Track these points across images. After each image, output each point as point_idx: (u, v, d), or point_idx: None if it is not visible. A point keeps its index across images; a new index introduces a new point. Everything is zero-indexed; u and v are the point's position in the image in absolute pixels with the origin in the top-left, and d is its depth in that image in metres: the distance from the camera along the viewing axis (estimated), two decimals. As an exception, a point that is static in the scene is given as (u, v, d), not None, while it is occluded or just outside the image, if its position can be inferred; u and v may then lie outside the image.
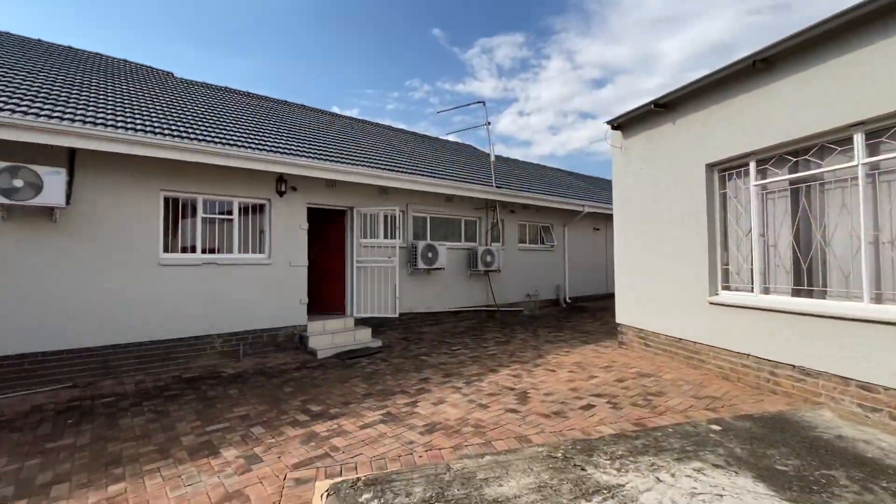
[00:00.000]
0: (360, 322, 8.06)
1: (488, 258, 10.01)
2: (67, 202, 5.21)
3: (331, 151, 8.05)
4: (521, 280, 11.45)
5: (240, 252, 6.84)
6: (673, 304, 6.13)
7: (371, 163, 8.23)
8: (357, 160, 8.05)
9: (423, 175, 8.81)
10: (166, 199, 6.23)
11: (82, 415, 4.41)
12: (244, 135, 7.04)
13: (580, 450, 3.40)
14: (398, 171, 8.40)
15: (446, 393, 4.99)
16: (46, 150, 5.15)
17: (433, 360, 6.55)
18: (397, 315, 7.98)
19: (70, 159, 5.40)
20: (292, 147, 7.33)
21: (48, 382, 5.24)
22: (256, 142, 6.90)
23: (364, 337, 7.59)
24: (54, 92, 5.98)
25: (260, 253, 7.05)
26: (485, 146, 16.08)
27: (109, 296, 5.68)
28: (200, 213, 6.48)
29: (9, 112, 4.76)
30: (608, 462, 3.17)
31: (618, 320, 7.24)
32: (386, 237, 8.41)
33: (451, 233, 10.05)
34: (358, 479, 2.97)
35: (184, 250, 6.39)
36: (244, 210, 6.93)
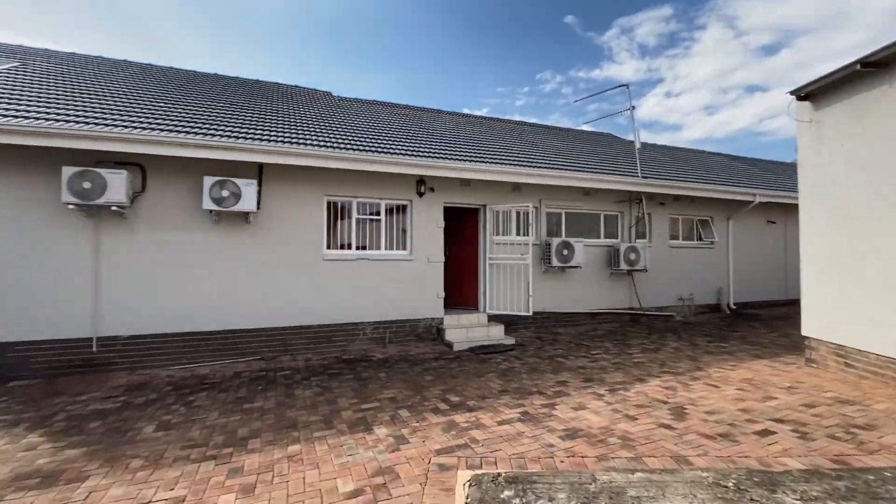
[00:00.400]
0: (493, 318, 8.12)
1: (632, 256, 9.15)
2: (258, 207, 6.34)
3: (465, 152, 8.28)
4: (671, 281, 10.20)
5: (386, 249, 7.50)
6: (892, 313, 4.74)
7: (503, 159, 8.23)
8: (489, 158, 8.13)
9: (556, 168, 8.47)
10: (328, 203, 7.15)
11: (268, 383, 5.32)
12: (389, 142, 7.69)
13: (758, 482, 2.83)
14: (530, 165, 8.23)
15: (587, 399, 4.68)
16: (243, 166, 6.36)
17: (570, 362, 6.24)
18: (530, 314, 7.82)
19: (259, 172, 6.56)
20: (430, 150, 7.75)
21: (244, 355, 6.46)
22: (400, 148, 7.46)
23: (497, 333, 7.62)
24: (238, 118, 7.35)
25: (403, 249, 7.62)
26: (625, 134, 14.76)
27: (287, 284, 6.76)
28: (355, 214, 7.29)
29: (219, 137, 6.00)
30: (798, 502, 2.58)
31: (804, 332, 5.91)
32: (518, 234, 8.31)
33: (588, 229, 9.46)
34: (498, 474, 2.95)
35: (341, 247, 7.26)
36: (389, 210, 7.57)
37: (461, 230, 8.62)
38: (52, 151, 5.50)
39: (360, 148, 6.92)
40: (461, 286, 8.55)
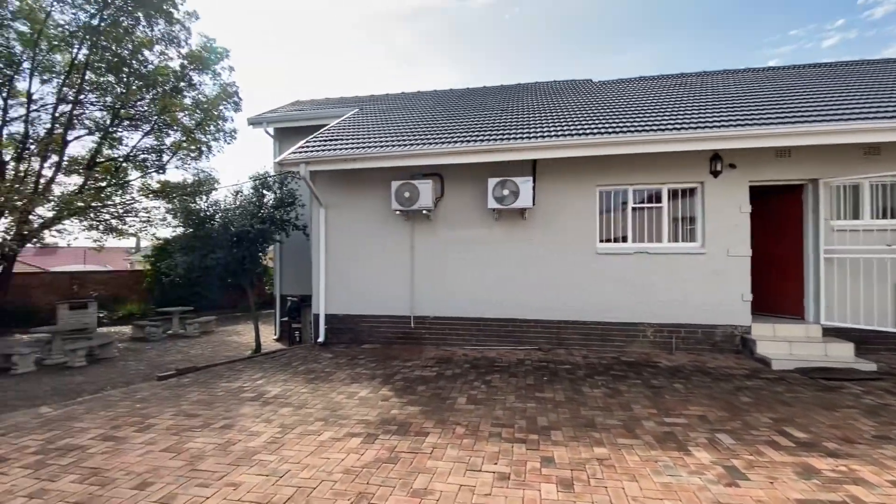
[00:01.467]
0: (831, 332, 5.99)
1: None
2: (533, 203, 6.54)
3: (777, 113, 6.39)
4: None
5: (669, 241, 6.55)
6: None
7: (846, 113, 5.92)
8: (823, 114, 6.00)
9: (956, 113, 5.52)
10: (600, 193, 6.78)
11: (552, 375, 5.37)
12: (669, 118, 6.67)
13: None
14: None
15: None
16: (518, 165, 6.67)
17: None
18: (905, 330, 5.38)
19: (532, 169, 6.77)
20: (727, 118, 6.31)
21: (522, 343, 6.79)
22: (685, 120, 6.37)
23: (842, 354, 5.56)
24: (510, 121, 7.71)
25: (691, 241, 6.50)
26: None
27: (559, 278, 6.75)
28: (630, 203, 6.66)
29: (496, 140, 6.45)
30: None
31: None
32: (877, 217, 5.85)
33: None
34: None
35: (615, 240, 6.76)
36: (673, 196, 6.58)
37: (773, 215, 6.73)
38: (384, 170, 7.09)
39: (635, 128, 6.23)
40: (774, 287, 6.68)
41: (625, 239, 6.71)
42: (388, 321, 7.24)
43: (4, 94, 12.71)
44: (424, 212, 6.79)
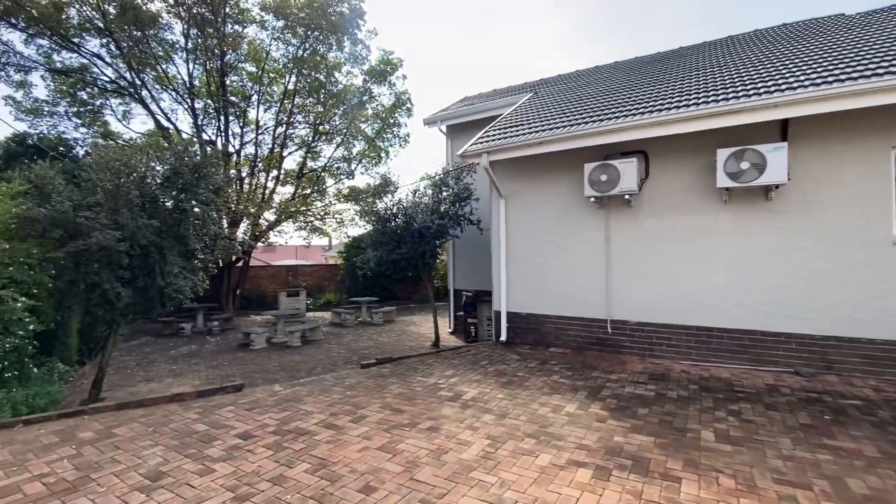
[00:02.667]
0: None
1: None
2: (788, 178, 4.91)
3: None
4: None
5: None
6: None
7: None
8: None
9: None
10: (898, 157, 4.72)
11: (835, 412, 3.83)
12: None
13: None
14: None
15: None
16: (756, 129, 5.08)
17: None
18: None
19: (782, 133, 5.10)
20: None
21: (764, 363, 5.20)
22: None
23: None
24: (746, 73, 5.98)
25: None
26: None
27: (825, 278, 4.95)
28: (962, 168, 4.46)
29: (733, 100, 5.00)
30: None
31: None
32: None
33: None
34: None
35: (926, 224, 4.63)
36: None
37: None
38: (570, 154, 6.27)
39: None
40: None
41: (948, 222, 4.54)
42: (577, 324, 6.42)
43: (241, 123, 15.95)
44: (626, 196, 5.75)
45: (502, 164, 6.87)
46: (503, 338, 6.91)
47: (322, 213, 16.77)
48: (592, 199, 6.02)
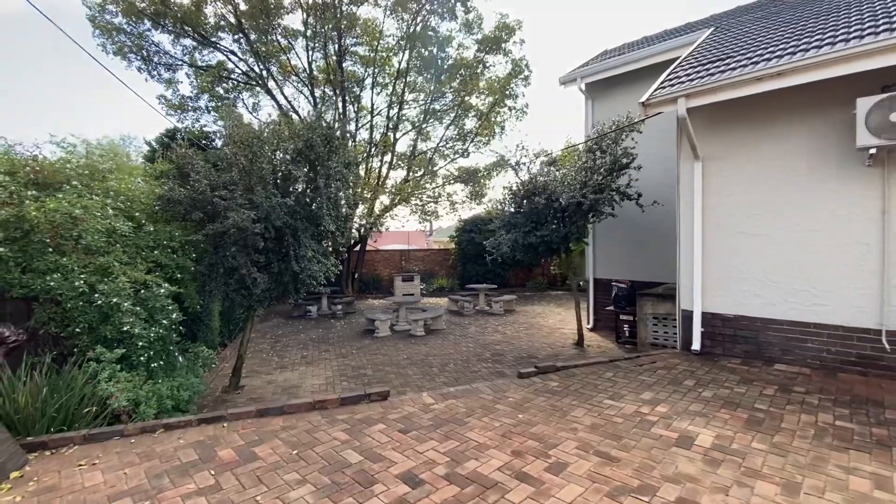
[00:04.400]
0: None
1: None
2: None
3: None
4: None
5: None
6: None
7: None
8: None
9: None
10: None
11: None
12: None
13: None
14: None
15: None
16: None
17: None
18: None
19: None
20: None
21: None
22: None
23: None
24: None
25: None
26: None
27: None
28: None
29: None
30: None
31: None
32: None
33: None
34: None
35: None
36: None
37: None
38: (808, 93, 4.28)
39: None
40: None
41: None
42: (825, 333, 4.50)
43: (356, 108, 15.80)
44: (942, 143, 3.69)
45: (698, 114, 5.09)
46: (696, 346, 5.23)
47: (435, 196, 16.12)
48: (871, 151, 4.01)
